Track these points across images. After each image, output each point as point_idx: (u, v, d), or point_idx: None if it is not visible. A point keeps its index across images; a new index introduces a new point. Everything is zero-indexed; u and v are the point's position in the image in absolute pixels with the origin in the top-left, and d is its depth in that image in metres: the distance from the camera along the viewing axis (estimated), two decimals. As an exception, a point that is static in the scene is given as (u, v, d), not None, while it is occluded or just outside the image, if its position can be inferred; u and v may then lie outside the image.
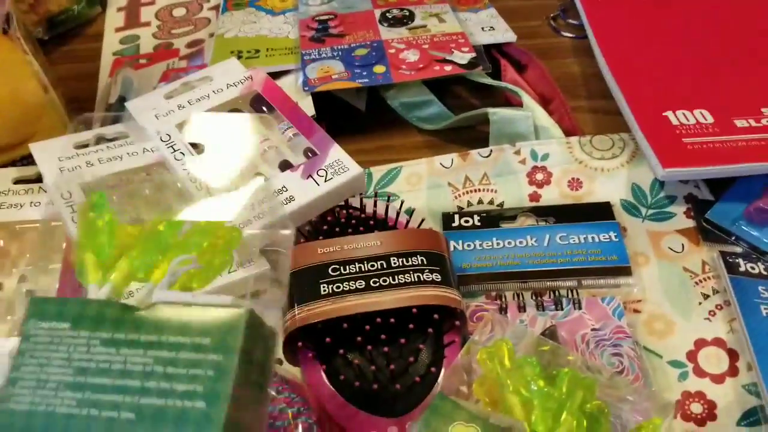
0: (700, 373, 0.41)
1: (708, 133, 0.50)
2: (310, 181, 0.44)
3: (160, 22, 0.70)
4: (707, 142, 0.49)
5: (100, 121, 0.58)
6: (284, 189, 0.43)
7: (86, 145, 0.50)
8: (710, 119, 0.51)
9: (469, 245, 0.47)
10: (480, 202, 0.50)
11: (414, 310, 0.38)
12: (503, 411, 0.34)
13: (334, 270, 0.40)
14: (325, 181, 0.44)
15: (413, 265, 0.40)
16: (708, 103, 0.52)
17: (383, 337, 0.38)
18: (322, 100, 0.55)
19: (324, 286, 0.39)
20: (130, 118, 0.53)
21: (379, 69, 0.55)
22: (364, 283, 0.39)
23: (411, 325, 0.38)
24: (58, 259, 0.45)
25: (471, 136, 0.55)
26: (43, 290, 0.44)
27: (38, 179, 0.50)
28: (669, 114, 0.52)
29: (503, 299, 0.44)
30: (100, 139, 0.51)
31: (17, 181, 0.50)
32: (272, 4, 0.66)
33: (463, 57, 0.55)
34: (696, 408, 0.40)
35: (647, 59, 0.57)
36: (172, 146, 0.47)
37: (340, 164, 0.45)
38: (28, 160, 0.53)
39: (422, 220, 0.45)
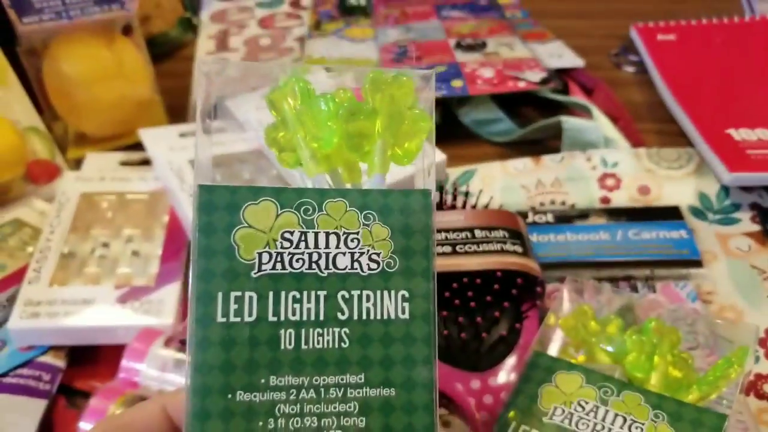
0: (772, 358, 0.42)
1: (771, 148, 0.53)
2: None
3: (247, 48, 0.76)
4: (771, 154, 0.52)
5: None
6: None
7: (187, 135, 0.55)
8: (772, 137, 0.54)
9: (543, 238, 0.50)
10: (552, 203, 0.53)
11: (498, 273, 0.41)
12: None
13: (422, 237, 0.43)
14: (411, 165, 0.47)
15: (496, 237, 0.43)
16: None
17: (469, 294, 0.40)
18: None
19: (413, 249, 0.42)
20: (227, 116, 0.58)
21: (457, 83, 0.59)
22: (450, 248, 0.42)
23: (496, 286, 0.40)
24: (160, 226, 0.49)
25: (540, 149, 0.59)
26: (146, 254, 0.48)
27: (142, 163, 0.55)
28: (731, 131, 0.55)
29: (580, 282, 0.46)
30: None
31: (123, 164, 0.55)
32: (353, 35, 0.72)
33: (535, 75, 0.59)
34: (770, 389, 0.41)
35: (706, 87, 0.61)
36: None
37: (424, 151, 0.48)
38: (131, 148, 0.58)
39: (500, 206, 0.48)
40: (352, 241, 0.25)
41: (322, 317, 0.24)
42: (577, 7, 0.82)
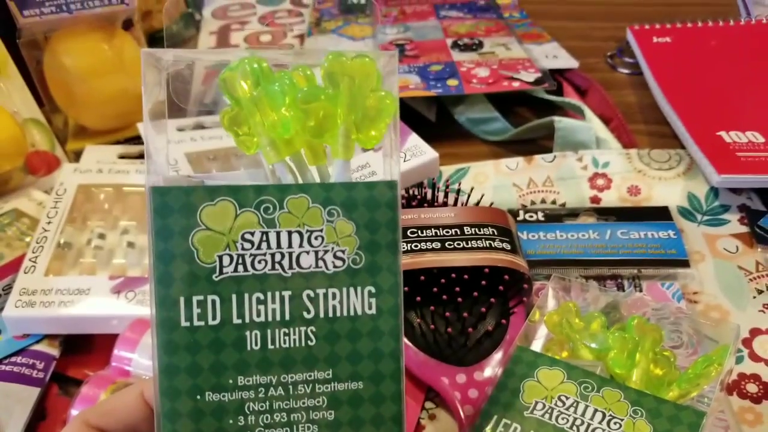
0: (755, 358, 0.43)
1: (760, 150, 0.53)
2: (391, 160, 0.48)
3: (248, 45, 0.77)
4: (759, 156, 0.52)
5: (195, 114, 0.64)
6: (367, 165, 0.48)
7: (184, 129, 0.56)
8: (761, 139, 0.54)
9: (533, 235, 0.50)
10: (543, 201, 0.54)
11: (486, 270, 0.41)
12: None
13: (412, 233, 0.43)
14: (404, 161, 0.48)
15: (485, 234, 0.43)
16: (758, 126, 0.56)
17: (457, 289, 0.41)
18: (396, 109, 0.60)
19: (403, 244, 0.42)
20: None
21: (452, 82, 0.60)
22: (440, 244, 0.43)
23: (483, 282, 0.41)
24: (155, 219, 0.50)
25: (533, 149, 0.59)
26: (141, 246, 0.48)
27: (140, 156, 0.56)
28: (722, 133, 0.55)
29: (566, 280, 0.47)
30: (197, 126, 0.57)
31: (121, 157, 0.55)
32: (352, 33, 0.73)
33: (529, 75, 0.60)
34: (752, 388, 0.41)
35: (699, 89, 0.62)
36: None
37: (418, 148, 0.49)
38: (130, 141, 0.59)
39: (491, 204, 0.49)
40: (315, 239, 0.25)
41: (287, 317, 0.24)
42: (576, 9, 0.83)
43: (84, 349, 0.45)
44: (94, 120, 0.60)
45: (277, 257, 0.24)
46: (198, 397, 0.24)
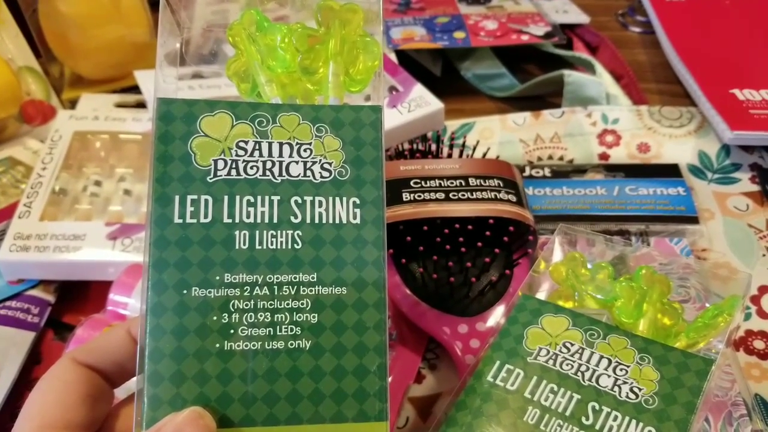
0: (763, 315, 0.42)
1: (775, 108, 0.52)
2: (394, 110, 0.47)
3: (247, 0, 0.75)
4: (774, 114, 0.51)
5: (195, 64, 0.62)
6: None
7: (183, 78, 0.55)
8: (777, 98, 0.53)
9: (539, 191, 0.49)
10: (550, 158, 0.52)
11: (490, 221, 0.40)
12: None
13: (415, 183, 0.42)
14: (409, 111, 0.47)
15: (490, 186, 0.42)
16: (774, 85, 0.54)
17: (461, 240, 0.40)
18: (401, 64, 0.58)
19: (406, 194, 0.41)
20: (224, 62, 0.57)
21: (459, 35, 0.58)
22: (443, 195, 0.41)
23: (487, 233, 0.40)
24: (153, 168, 0.49)
25: (541, 105, 0.58)
26: (138, 194, 0.47)
27: (136, 105, 0.54)
28: (736, 91, 0.54)
29: (572, 235, 0.46)
30: (196, 75, 0.56)
31: (118, 105, 0.54)
32: (356, -14, 0.71)
33: (539, 29, 0.58)
34: (759, 344, 0.41)
35: (713, 47, 0.60)
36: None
37: (423, 99, 0.48)
38: (127, 91, 0.57)
39: (497, 156, 0.48)
40: (304, 150, 0.26)
41: (275, 220, 0.25)
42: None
43: (79, 297, 0.45)
44: (91, 69, 0.58)
45: (268, 165, 0.26)
46: (184, 291, 0.24)
